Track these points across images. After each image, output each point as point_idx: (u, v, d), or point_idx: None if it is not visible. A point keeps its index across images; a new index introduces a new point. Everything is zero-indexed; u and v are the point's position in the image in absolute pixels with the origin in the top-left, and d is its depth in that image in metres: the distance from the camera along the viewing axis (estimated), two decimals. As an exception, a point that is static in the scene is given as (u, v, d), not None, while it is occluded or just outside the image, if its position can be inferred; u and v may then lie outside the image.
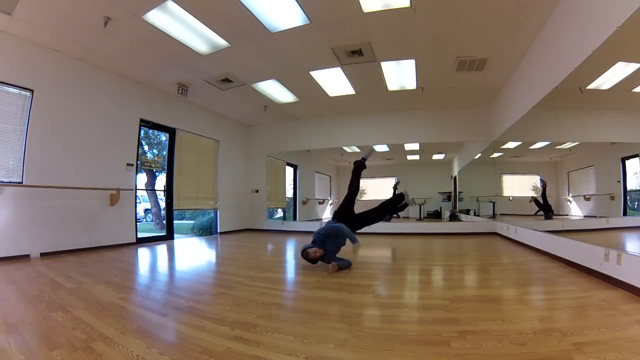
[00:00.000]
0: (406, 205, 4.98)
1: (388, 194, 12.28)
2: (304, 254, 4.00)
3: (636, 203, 3.86)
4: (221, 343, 1.91)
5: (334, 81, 6.77)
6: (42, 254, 4.89)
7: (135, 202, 6.66)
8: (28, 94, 4.92)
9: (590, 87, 4.02)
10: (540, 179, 6.71)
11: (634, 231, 3.88)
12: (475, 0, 4.14)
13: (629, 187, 3.88)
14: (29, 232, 4.81)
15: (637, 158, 3.78)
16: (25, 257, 4.71)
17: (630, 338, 1.87)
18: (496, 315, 2.30)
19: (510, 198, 7.73)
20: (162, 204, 9.03)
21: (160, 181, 10.50)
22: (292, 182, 11.24)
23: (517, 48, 5.26)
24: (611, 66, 3.56)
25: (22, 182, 4.78)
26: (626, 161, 3.92)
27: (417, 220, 11.13)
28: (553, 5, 4.18)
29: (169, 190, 7.49)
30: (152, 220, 12.33)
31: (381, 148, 10.04)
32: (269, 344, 1.90)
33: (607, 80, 3.74)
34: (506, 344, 1.83)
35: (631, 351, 1.70)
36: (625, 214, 3.91)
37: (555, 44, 4.33)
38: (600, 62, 3.53)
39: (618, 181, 4.00)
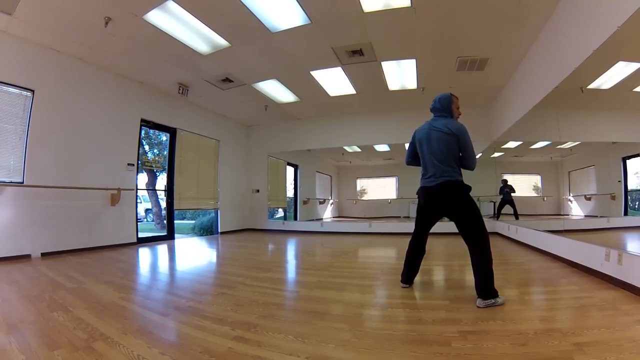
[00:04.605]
0: None
1: (389, 194, 12.30)
2: None
3: (637, 203, 3.86)
4: (222, 343, 1.91)
5: (334, 81, 6.77)
6: (42, 254, 4.90)
7: (136, 202, 6.67)
8: (29, 94, 4.92)
9: (591, 86, 4.02)
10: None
11: (635, 231, 3.88)
12: (476, 0, 4.14)
13: (629, 187, 3.88)
14: (29, 232, 4.82)
15: (638, 158, 3.78)
16: (26, 257, 4.71)
17: (631, 338, 1.86)
18: (497, 316, 2.30)
19: (511, 198, 7.73)
20: (163, 204, 9.04)
21: (161, 181, 10.56)
22: (293, 182, 11.24)
23: (518, 48, 5.26)
24: (612, 66, 3.56)
25: (23, 182, 4.78)
26: (627, 161, 3.92)
27: (417, 220, 11.11)
28: (554, 4, 4.17)
29: (169, 190, 7.49)
30: (152, 220, 12.34)
31: (382, 148, 10.03)
32: (270, 344, 1.90)
33: (607, 79, 3.73)
34: (507, 344, 1.83)
35: (632, 351, 1.70)
36: (626, 213, 3.91)
37: (555, 43, 4.33)
38: (601, 62, 3.53)
39: (619, 181, 4.00)
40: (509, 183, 7.29)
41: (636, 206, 3.87)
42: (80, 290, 3.05)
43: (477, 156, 8.44)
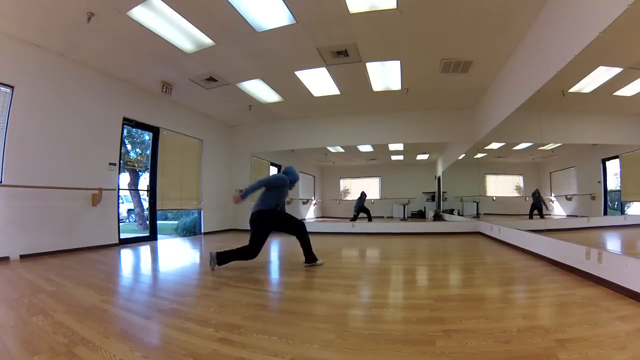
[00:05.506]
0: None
1: (373, 194, 12.34)
2: None
3: (616, 203, 3.95)
4: (206, 345, 1.88)
5: (318, 81, 6.77)
6: (21, 256, 4.76)
7: (118, 203, 6.55)
8: (8, 90, 4.79)
9: (572, 90, 4.10)
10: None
11: (614, 230, 3.97)
12: (461, 3, 4.18)
13: (609, 188, 3.97)
14: (8, 233, 4.67)
15: (617, 159, 3.87)
16: (4, 260, 4.57)
17: (611, 334, 1.91)
18: (480, 314, 2.32)
19: (494, 198, 7.83)
20: (145, 204, 8.90)
21: (144, 181, 10.37)
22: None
23: (502, 51, 5.33)
24: (593, 70, 3.64)
25: (1, 182, 4.64)
26: (606, 162, 4.01)
27: (401, 220, 11.21)
28: (537, 9, 4.25)
29: (152, 190, 7.38)
30: (135, 221, 12.16)
31: (365, 148, 10.06)
32: (254, 345, 1.88)
33: (588, 83, 3.82)
34: (491, 342, 1.85)
35: (613, 347, 1.74)
36: (605, 213, 4.00)
37: (538, 47, 4.40)
38: (582, 66, 3.60)
39: (598, 182, 4.09)
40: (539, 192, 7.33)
41: (615, 206, 3.95)
42: (61, 294, 2.97)
43: (461, 157, 8.58)
